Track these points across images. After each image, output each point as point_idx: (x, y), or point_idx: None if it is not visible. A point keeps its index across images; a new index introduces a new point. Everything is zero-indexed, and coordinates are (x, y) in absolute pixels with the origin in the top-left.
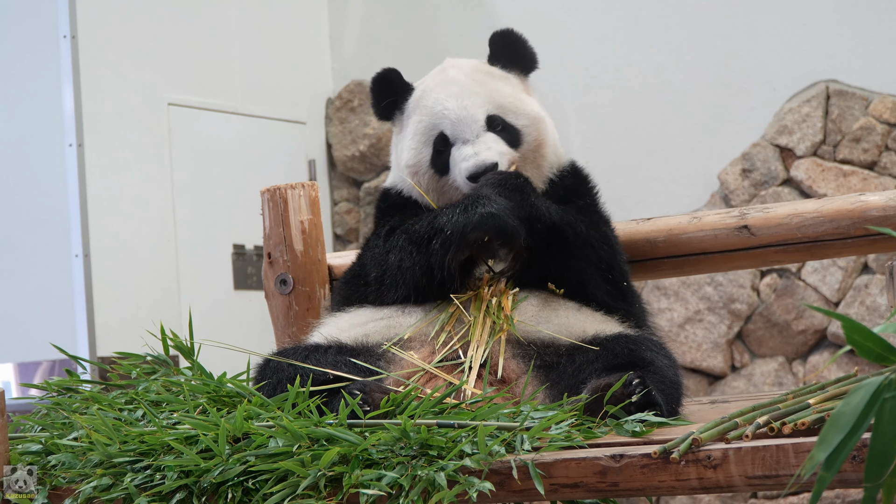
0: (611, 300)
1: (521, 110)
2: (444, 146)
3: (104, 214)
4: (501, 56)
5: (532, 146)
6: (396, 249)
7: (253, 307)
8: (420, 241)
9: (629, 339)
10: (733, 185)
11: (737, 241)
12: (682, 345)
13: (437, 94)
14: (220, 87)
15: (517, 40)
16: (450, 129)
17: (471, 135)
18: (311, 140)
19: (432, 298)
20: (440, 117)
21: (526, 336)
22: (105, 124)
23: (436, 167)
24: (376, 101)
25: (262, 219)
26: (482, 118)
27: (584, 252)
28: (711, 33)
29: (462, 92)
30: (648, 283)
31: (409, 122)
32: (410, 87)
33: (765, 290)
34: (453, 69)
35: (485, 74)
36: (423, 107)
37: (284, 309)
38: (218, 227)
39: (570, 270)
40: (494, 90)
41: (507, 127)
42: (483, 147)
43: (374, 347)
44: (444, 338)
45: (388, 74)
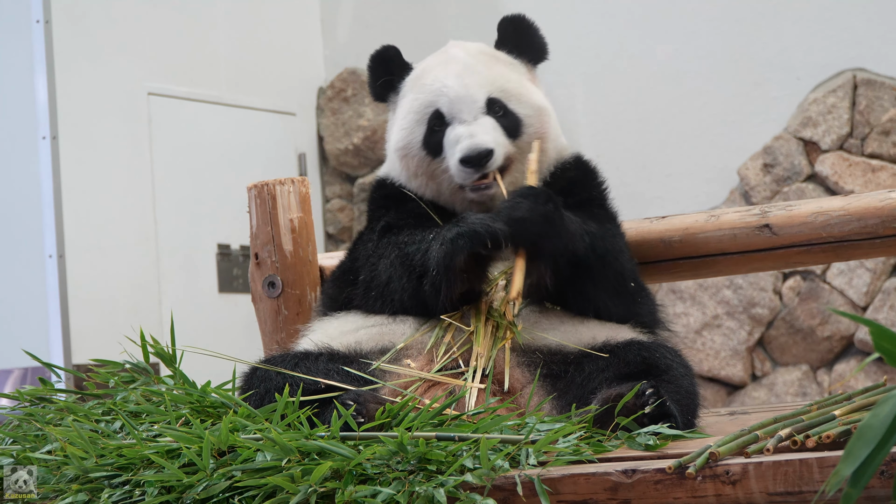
0: (625, 312)
1: (525, 98)
2: (440, 125)
3: (80, 212)
4: (509, 42)
5: (532, 139)
6: (388, 262)
7: (239, 311)
8: (412, 271)
9: (642, 345)
10: (754, 181)
11: (758, 241)
12: (698, 352)
13: (436, 71)
14: (203, 76)
15: (528, 27)
16: (447, 107)
17: (468, 115)
18: (301, 132)
19: (420, 316)
20: (438, 94)
21: (531, 343)
22: (81, 115)
23: (428, 147)
24: (373, 80)
25: (249, 217)
26: (482, 99)
27: (600, 274)
28: (731, 18)
29: (464, 70)
30: (663, 286)
31: (404, 101)
32: (409, 67)
33: (787, 293)
34: (456, 48)
35: (490, 57)
36: (420, 85)
37: (273, 313)
38: (201, 225)
39: (580, 297)
40: (499, 74)
41: (508, 114)
42: (480, 130)
43: (368, 355)
44: (444, 346)
45: (387, 52)
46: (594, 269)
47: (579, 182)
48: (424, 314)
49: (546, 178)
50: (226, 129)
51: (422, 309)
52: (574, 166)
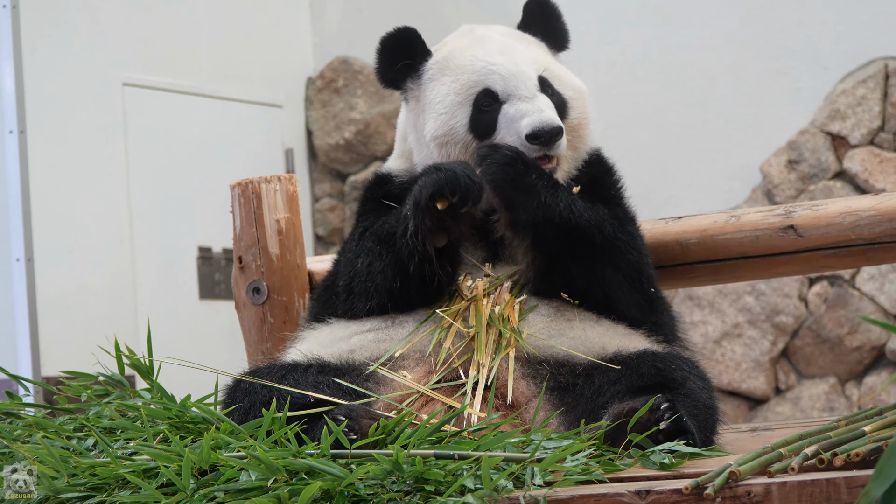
0: (639, 313)
1: (567, 79)
2: (491, 104)
3: (49, 212)
4: (534, 26)
5: (575, 123)
6: (365, 253)
7: (221, 319)
8: (388, 238)
9: (657, 356)
10: (777, 178)
11: (781, 243)
12: (718, 363)
13: (473, 51)
14: (183, 65)
15: (554, 13)
16: (500, 84)
17: (527, 91)
18: (288, 126)
19: (410, 304)
20: (485, 73)
21: (537, 353)
22: (51, 108)
23: (476, 130)
24: (387, 63)
25: (232, 217)
26: (534, 76)
27: (611, 258)
28: (753, 2)
29: (505, 48)
30: (679, 293)
31: (434, 85)
32: (429, 51)
33: (814, 300)
34: (483, 29)
35: (520, 38)
36: (455, 66)
37: (258, 321)
38: (181, 226)
39: (595, 280)
40: (535, 53)
41: (555, 94)
42: (546, 106)
43: (361, 366)
44: (443, 354)
45: (407, 33)
46: (603, 248)
47: (598, 179)
48: (407, 286)
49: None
50: (207, 123)
51: (403, 277)
52: (596, 161)
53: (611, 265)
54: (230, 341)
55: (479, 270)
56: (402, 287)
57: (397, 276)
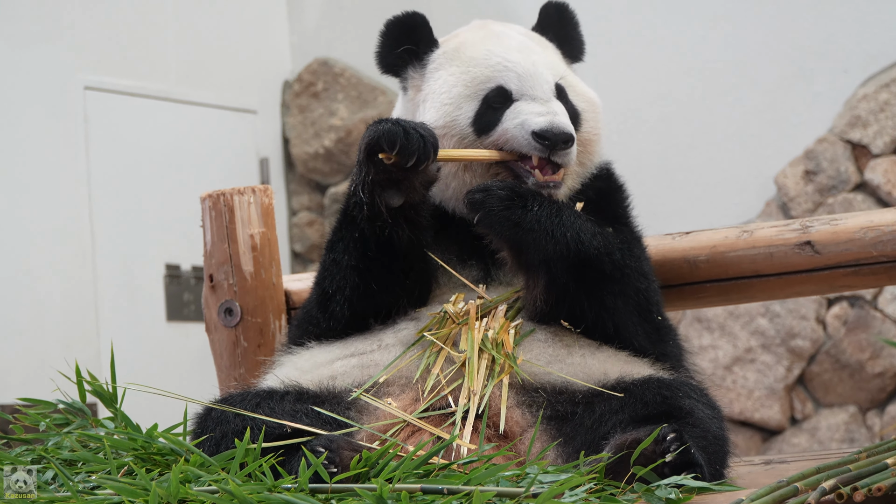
0: (647, 343)
1: (581, 90)
2: (502, 102)
3: (2, 226)
4: (550, 31)
5: (586, 137)
6: (330, 248)
7: (190, 343)
8: (349, 215)
9: (662, 383)
10: (793, 190)
11: (798, 260)
12: (728, 391)
13: (488, 45)
14: (149, 68)
15: (572, 20)
16: (515, 83)
17: (543, 94)
18: (263, 133)
19: (379, 282)
20: (500, 69)
21: (532, 379)
22: (4, 113)
23: (478, 126)
24: (389, 48)
25: (203, 232)
26: (552, 80)
27: (621, 287)
28: (767, 1)
29: (523, 48)
30: (687, 314)
31: (441, 74)
32: (436, 41)
33: (833, 322)
34: (499, 25)
35: (538, 41)
36: (467, 58)
37: (230, 345)
38: (147, 242)
39: (605, 311)
40: (551, 58)
41: (568, 104)
42: (560, 111)
43: (343, 393)
44: (432, 380)
45: (415, 17)
46: (613, 278)
47: (606, 196)
48: (368, 262)
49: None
50: (175, 130)
51: (364, 248)
52: (605, 176)
53: (621, 295)
54: (200, 366)
55: (471, 291)
56: (361, 257)
57: (357, 246)
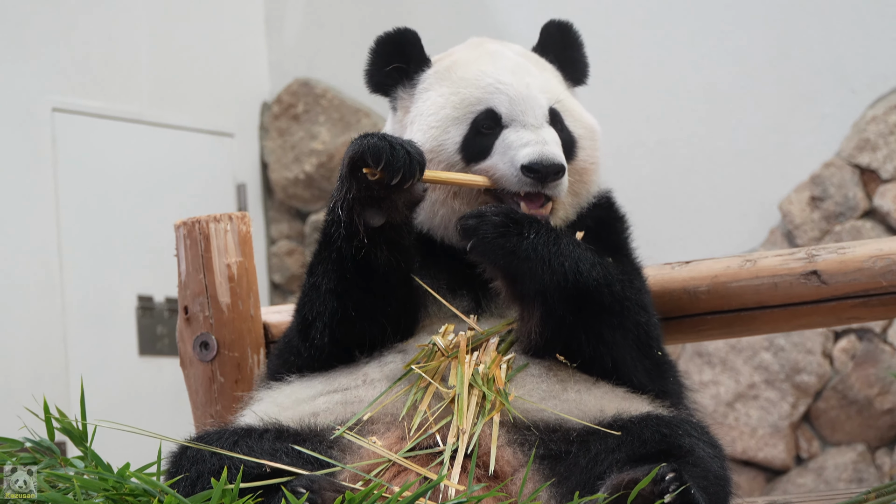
0: (647, 379)
1: (579, 115)
2: (492, 127)
3: None
4: (552, 51)
5: (582, 165)
6: (310, 273)
7: (164, 378)
8: (327, 235)
9: (661, 420)
10: (799, 217)
11: (803, 291)
12: (731, 429)
13: (481, 65)
14: (120, 89)
15: (575, 41)
16: (506, 107)
17: (535, 120)
18: (240, 157)
19: (357, 301)
20: (491, 91)
21: (525, 417)
22: None
23: (467, 150)
24: (378, 65)
25: (177, 261)
26: (546, 105)
27: (621, 320)
28: (772, 17)
29: (518, 69)
30: (687, 348)
31: (430, 94)
32: (428, 59)
33: (840, 356)
34: (495, 44)
35: (536, 61)
36: (458, 78)
37: (206, 380)
38: (118, 272)
39: (604, 345)
40: (549, 81)
41: (564, 130)
42: (552, 139)
43: (325, 431)
44: (419, 417)
45: (406, 34)
46: (612, 311)
47: (606, 225)
48: (346, 284)
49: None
50: (148, 154)
51: (341, 269)
52: (605, 205)
53: (620, 329)
54: (174, 403)
55: (461, 323)
56: (339, 280)
57: (335, 268)
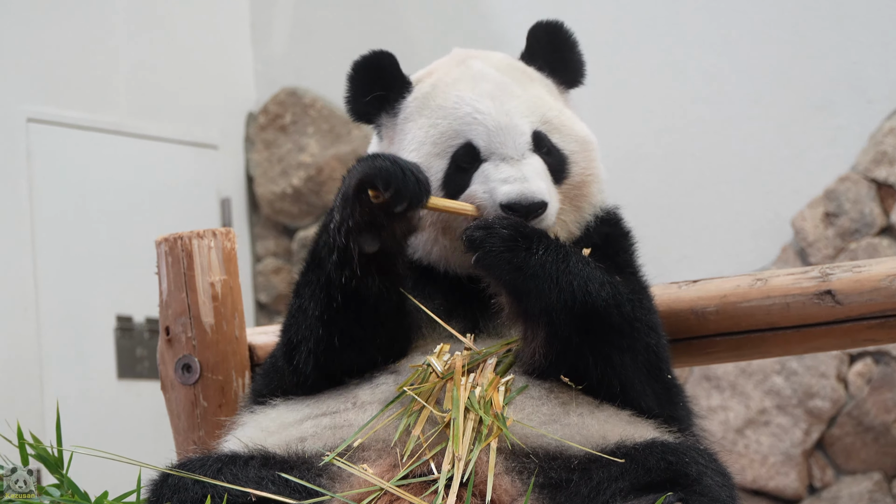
0: (656, 404)
1: (570, 130)
2: (471, 162)
3: None
4: (540, 56)
5: (577, 181)
6: (297, 294)
7: (144, 402)
8: (317, 256)
9: (667, 447)
10: (812, 234)
11: (817, 311)
12: (740, 457)
13: (459, 91)
14: (98, 98)
15: (567, 41)
16: (484, 140)
17: (515, 152)
18: (224, 171)
19: (344, 329)
20: (469, 122)
21: (524, 443)
22: None
23: (449, 189)
24: (357, 95)
25: (158, 280)
26: (528, 131)
27: (630, 342)
28: (784, 24)
29: (499, 92)
30: (694, 371)
31: (410, 126)
32: (408, 82)
33: (855, 380)
34: (478, 61)
35: (522, 74)
36: (436, 107)
37: (188, 404)
38: (96, 290)
39: (612, 369)
40: (536, 97)
41: (553, 151)
42: (532, 173)
43: (314, 457)
44: (412, 443)
45: (381, 59)
46: (622, 332)
47: (612, 242)
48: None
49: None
50: (127, 167)
51: (329, 294)
52: (613, 221)
53: (629, 351)
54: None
55: (458, 343)
56: (327, 307)
57: (323, 293)
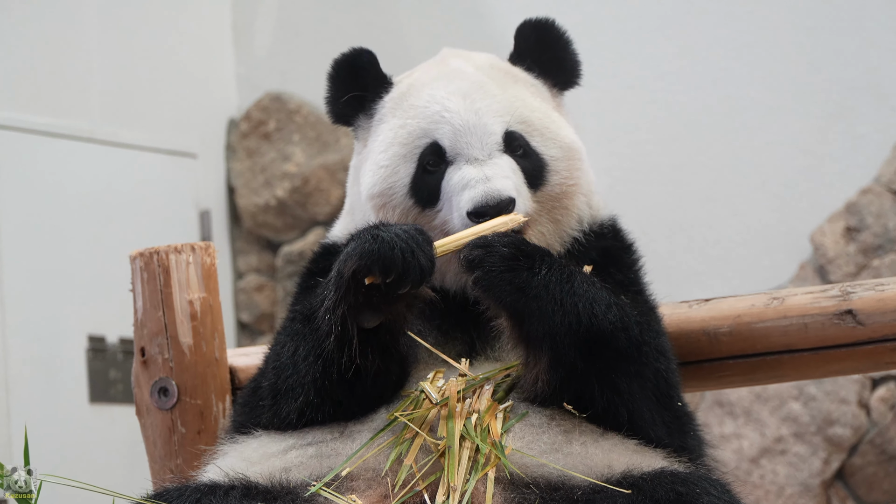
0: (666, 434)
1: (552, 133)
2: (437, 164)
3: None
4: (530, 56)
5: (557, 189)
6: (292, 342)
7: (118, 428)
8: (312, 314)
9: (676, 478)
10: (833, 250)
11: (837, 333)
12: (755, 488)
13: (433, 89)
14: (69, 103)
15: (558, 38)
16: (450, 139)
17: (481, 152)
18: (204, 181)
19: (335, 402)
20: (437, 121)
21: (523, 473)
22: None
23: (418, 195)
24: (335, 95)
25: (133, 297)
26: (499, 132)
27: (638, 368)
28: (801, 26)
29: (473, 90)
30: (706, 396)
31: (383, 128)
32: (388, 81)
33: (878, 406)
34: (458, 59)
35: (505, 74)
36: (409, 106)
37: (165, 430)
38: (66, 309)
39: (619, 396)
40: (517, 97)
41: (531, 154)
42: (497, 172)
43: (299, 488)
44: (404, 472)
45: (358, 57)
46: (630, 357)
47: (614, 257)
48: (328, 384)
49: (572, 244)
50: (101, 176)
51: (325, 368)
52: (611, 234)
53: (637, 377)
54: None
55: (453, 367)
56: (322, 376)
57: (318, 360)
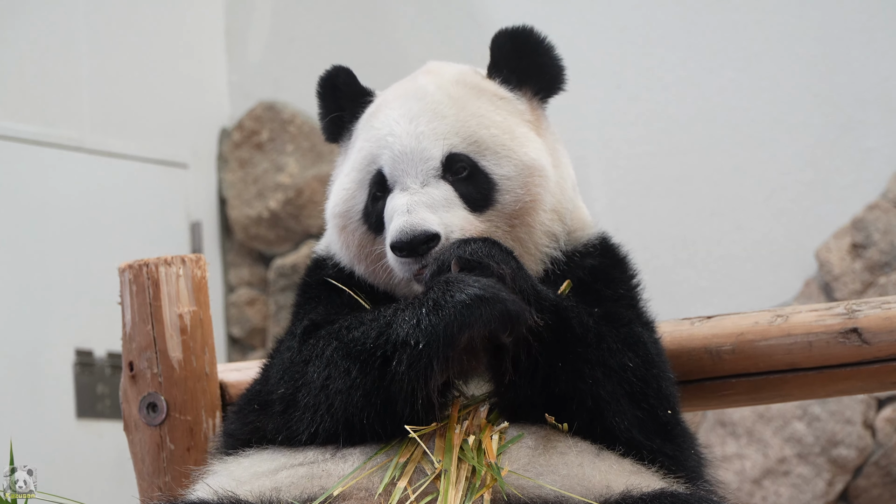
0: (642, 434)
1: (508, 152)
2: (382, 191)
3: None
4: (506, 66)
5: (511, 210)
6: (321, 362)
7: (105, 444)
8: (366, 358)
9: (677, 498)
10: (838, 267)
11: (842, 351)
12: None
13: (389, 110)
14: (57, 112)
15: (536, 46)
16: (389, 166)
17: (414, 180)
18: (195, 192)
19: (377, 438)
20: (382, 146)
21: (520, 494)
22: None
23: (369, 222)
24: (322, 113)
25: (122, 311)
26: (438, 156)
27: (599, 356)
28: (807, 37)
29: (422, 111)
30: (708, 416)
31: (353, 149)
32: (368, 97)
33: (883, 426)
34: (427, 76)
35: (469, 90)
36: (370, 128)
37: (153, 447)
38: (53, 322)
39: (582, 384)
40: (474, 115)
41: (477, 175)
42: (421, 203)
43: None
44: (397, 496)
45: (335, 76)
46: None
47: (603, 275)
48: (383, 421)
49: (553, 262)
50: (89, 186)
51: (381, 413)
52: (599, 251)
53: (600, 366)
54: (117, 472)
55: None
56: (377, 419)
57: (369, 407)
